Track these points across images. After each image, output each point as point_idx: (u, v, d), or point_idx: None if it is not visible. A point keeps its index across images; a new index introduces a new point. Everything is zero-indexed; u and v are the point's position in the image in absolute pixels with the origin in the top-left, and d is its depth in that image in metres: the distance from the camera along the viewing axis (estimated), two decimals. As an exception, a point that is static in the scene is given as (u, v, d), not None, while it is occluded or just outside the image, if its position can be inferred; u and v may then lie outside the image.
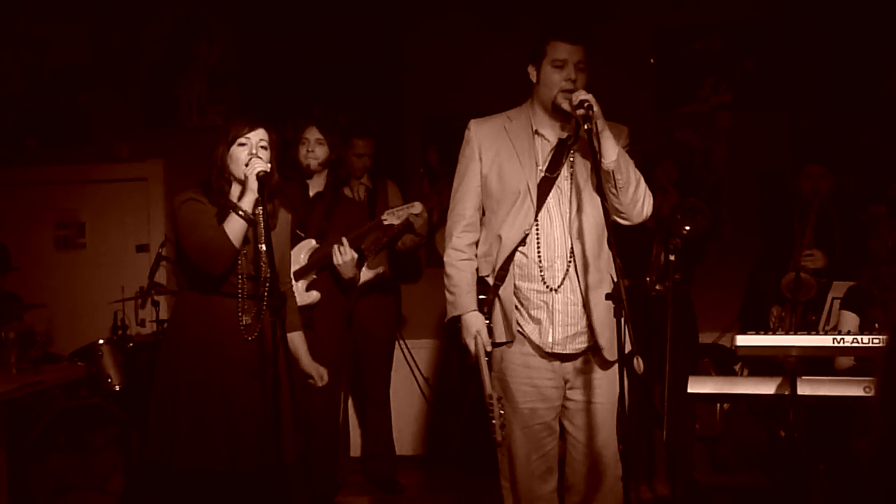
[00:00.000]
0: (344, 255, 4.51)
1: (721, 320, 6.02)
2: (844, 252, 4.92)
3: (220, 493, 3.74)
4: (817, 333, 3.74)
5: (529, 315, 3.35)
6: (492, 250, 3.40)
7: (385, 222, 5.16)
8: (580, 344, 3.34)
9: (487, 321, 3.39)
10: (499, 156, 3.40)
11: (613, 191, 3.21)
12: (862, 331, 3.94)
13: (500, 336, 3.38)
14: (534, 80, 3.39)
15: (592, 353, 3.37)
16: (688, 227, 4.76)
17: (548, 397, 3.39)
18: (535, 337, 3.35)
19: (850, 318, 4.37)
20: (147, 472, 4.86)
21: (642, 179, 3.30)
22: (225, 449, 3.54)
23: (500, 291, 3.37)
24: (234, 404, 3.57)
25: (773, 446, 5.13)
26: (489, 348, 3.37)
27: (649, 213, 3.36)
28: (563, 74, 3.29)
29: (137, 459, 4.88)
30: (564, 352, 3.34)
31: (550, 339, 3.33)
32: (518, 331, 3.37)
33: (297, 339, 3.89)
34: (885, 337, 3.56)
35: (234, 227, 3.51)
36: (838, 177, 5.16)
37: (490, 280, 3.39)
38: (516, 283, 3.36)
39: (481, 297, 3.40)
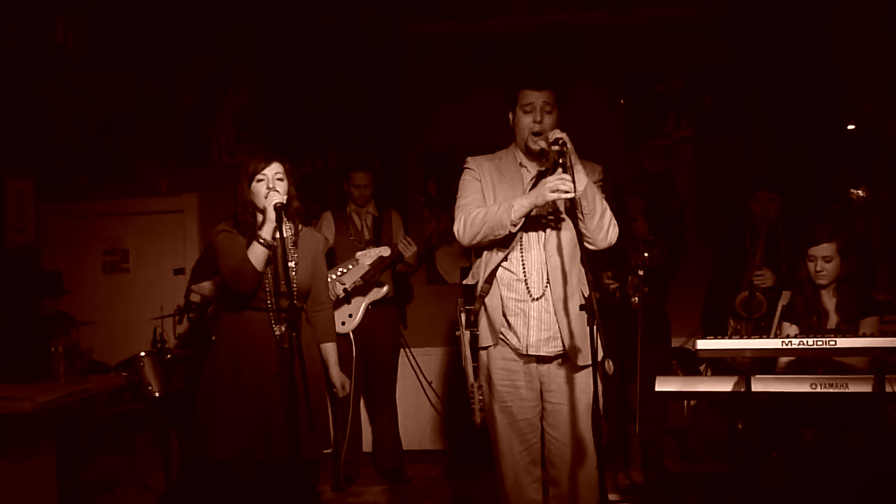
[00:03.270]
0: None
1: (686, 327, 5.98)
2: (790, 265, 4.94)
3: (249, 487, 3.74)
4: (768, 337, 3.72)
5: (508, 322, 3.35)
6: (481, 263, 3.41)
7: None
8: (554, 348, 3.33)
9: (475, 329, 3.38)
10: (494, 184, 3.43)
11: (581, 216, 3.21)
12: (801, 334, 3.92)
13: (486, 340, 3.38)
14: (511, 123, 3.43)
15: (566, 359, 3.34)
16: (646, 255, 4.83)
17: (525, 397, 3.37)
18: (513, 341, 3.35)
19: (786, 325, 4.34)
20: (186, 468, 4.86)
21: (608, 211, 3.28)
22: (253, 443, 3.56)
23: (487, 300, 3.37)
24: (263, 404, 3.58)
25: (733, 437, 5.10)
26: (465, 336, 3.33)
27: (613, 241, 3.31)
28: (530, 117, 3.32)
29: (182, 451, 4.87)
30: (539, 353, 3.33)
31: (526, 342, 3.32)
32: (500, 336, 3.36)
33: (328, 350, 3.90)
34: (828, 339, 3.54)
35: (257, 254, 3.55)
36: (784, 200, 5.18)
37: (477, 290, 3.40)
38: (501, 293, 3.36)
39: (468, 307, 3.39)
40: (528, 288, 3.32)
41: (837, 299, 4.17)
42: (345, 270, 5.47)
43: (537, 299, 3.31)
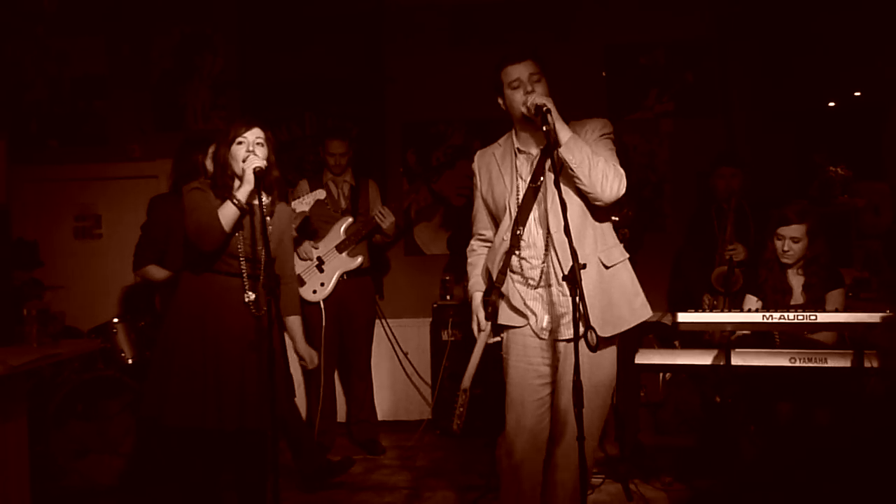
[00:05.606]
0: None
1: (663, 301, 6.01)
2: (758, 241, 4.95)
3: (218, 450, 3.71)
4: (749, 311, 3.73)
5: (527, 306, 3.30)
6: (494, 255, 3.37)
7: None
8: (571, 331, 3.27)
9: (493, 319, 3.35)
10: (491, 180, 3.40)
11: (572, 171, 3.15)
12: (764, 309, 3.94)
13: (504, 319, 3.35)
14: (504, 107, 3.34)
15: (582, 338, 3.29)
16: (615, 217, 4.75)
17: (542, 374, 3.31)
18: (533, 324, 3.30)
19: (752, 298, 4.35)
20: (153, 432, 4.81)
21: (602, 161, 3.18)
22: (213, 409, 3.51)
23: (504, 289, 3.33)
24: (227, 371, 3.54)
25: (708, 411, 5.13)
26: (484, 326, 3.32)
27: (620, 193, 3.19)
28: (520, 92, 3.24)
29: (136, 416, 4.82)
30: (558, 338, 3.28)
31: (542, 326, 3.28)
32: (523, 320, 3.34)
33: (294, 323, 3.85)
34: (808, 314, 3.56)
35: (227, 213, 3.49)
36: (747, 175, 5.20)
37: (494, 277, 3.35)
38: (514, 283, 3.32)
39: (486, 298, 3.36)
40: (534, 274, 3.27)
41: (805, 280, 4.19)
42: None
43: (546, 285, 3.26)
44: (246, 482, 3.82)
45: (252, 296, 3.57)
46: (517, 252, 3.30)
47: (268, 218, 3.63)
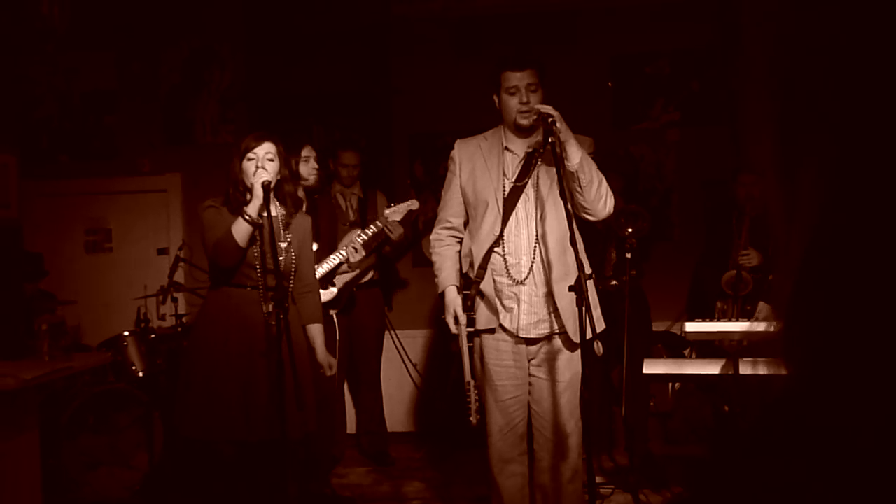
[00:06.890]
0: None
1: (671, 311, 6.00)
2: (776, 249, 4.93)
3: (230, 466, 3.73)
4: (756, 320, 3.74)
5: (503, 305, 3.37)
6: (471, 251, 3.43)
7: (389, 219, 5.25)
8: (543, 329, 3.37)
9: (472, 313, 3.40)
10: (474, 171, 3.46)
11: (578, 189, 3.22)
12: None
13: (483, 324, 3.40)
14: (497, 106, 3.44)
15: (555, 338, 3.38)
16: (630, 230, 4.74)
17: (515, 376, 3.42)
18: (506, 323, 3.38)
19: (765, 306, 4.35)
20: (170, 448, 4.83)
21: (604, 180, 3.31)
22: (232, 422, 3.55)
23: (482, 286, 3.38)
24: (248, 382, 3.58)
25: (718, 420, 5.13)
26: (463, 320, 3.37)
27: (612, 211, 3.36)
28: (516, 99, 3.32)
29: (166, 431, 4.85)
30: (529, 336, 3.38)
31: (517, 325, 3.35)
32: (498, 321, 3.39)
33: (315, 331, 3.90)
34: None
35: (239, 230, 3.54)
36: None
37: (472, 275, 3.42)
38: (494, 278, 3.38)
39: (466, 292, 3.42)
40: (515, 272, 3.35)
41: None
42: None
43: (525, 283, 3.34)
44: (262, 493, 3.84)
45: (270, 307, 3.61)
46: (497, 249, 3.37)
47: (284, 231, 3.67)
